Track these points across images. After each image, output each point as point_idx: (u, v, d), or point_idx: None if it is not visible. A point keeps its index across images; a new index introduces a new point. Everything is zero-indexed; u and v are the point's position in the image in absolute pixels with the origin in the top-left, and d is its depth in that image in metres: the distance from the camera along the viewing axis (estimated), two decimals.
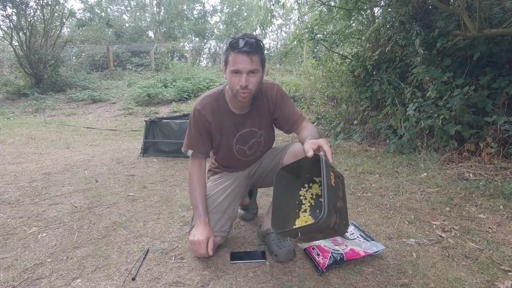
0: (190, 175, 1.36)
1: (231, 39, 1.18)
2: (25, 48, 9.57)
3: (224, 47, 1.26)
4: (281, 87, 1.40)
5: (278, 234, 1.04)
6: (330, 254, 1.22)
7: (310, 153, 1.03)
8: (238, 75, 1.17)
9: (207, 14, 22.96)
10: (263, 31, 5.17)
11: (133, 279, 1.17)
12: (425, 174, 2.43)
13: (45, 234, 1.54)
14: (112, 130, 5.56)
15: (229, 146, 1.39)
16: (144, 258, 1.32)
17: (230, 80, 1.20)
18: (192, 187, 1.34)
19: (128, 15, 21.98)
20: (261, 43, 1.18)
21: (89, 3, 19.77)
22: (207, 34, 21.54)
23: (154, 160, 3.16)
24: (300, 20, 5.91)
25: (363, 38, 4.02)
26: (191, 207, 1.83)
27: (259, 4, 5.61)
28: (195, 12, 22.68)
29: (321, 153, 1.04)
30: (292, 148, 1.35)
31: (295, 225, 1.15)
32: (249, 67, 1.15)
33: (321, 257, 1.22)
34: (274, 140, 1.50)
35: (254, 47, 1.15)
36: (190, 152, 1.38)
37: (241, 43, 1.14)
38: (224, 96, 1.34)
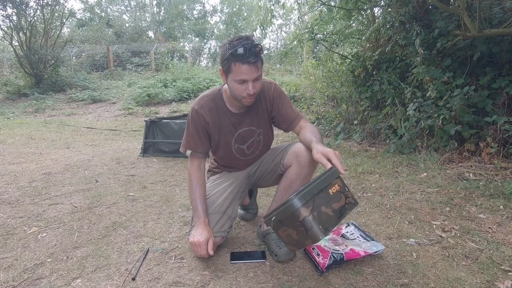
0: (189, 176, 1.36)
1: (231, 46, 1.13)
2: (25, 48, 9.58)
3: (223, 52, 1.24)
4: (278, 85, 1.40)
5: (264, 221, 1.06)
6: (330, 254, 1.22)
7: (328, 167, 1.06)
8: (244, 84, 1.17)
9: (207, 14, 22.97)
10: (263, 31, 5.17)
11: (133, 279, 1.17)
12: (425, 174, 2.42)
13: (45, 234, 1.54)
14: (112, 130, 5.56)
15: (228, 145, 1.39)
16: (144, 258, 1.32)
17: (235, 89, 1.20)
18: (191, 188, 1.34)
19: (128, 15, 21.99)
20: (261, 47, 1.17)
21: (89, 3, 19.80)
22: (207, 34, 21.54)
23: (154, 160, 3.16)
24: (300, 20, 5.90)
25: (363, 38, 4.02)
26: (191, 207, 1.83)
27: (259, 4, 5.61)
28: (195, 12, 22.69)
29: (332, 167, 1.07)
30: (293, 148, 1.36)
31: None
32: (255, 75, 1.16)
33: (321, 257, 1.22)
34: (273, 139, 1.50)
35: (258, 56, 1.15)
36: (189, 152, 1.38)
37: (245, 52, 1.11)
38: (221, 95, 1.34)
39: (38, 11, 9.81)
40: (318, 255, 1.24)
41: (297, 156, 1.31)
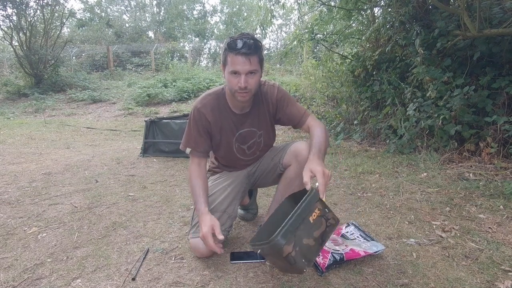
0: (190, 172, 1.36)
1: (229, 39, 1.17)
2: (25, 48, 9.58)
3: (223, 47, 1.28)
4: (282, 88, 1.40)
5: (251, 246, 1.04)
6: (330, 254, 1.22)
7: (308, 186, 1.04)
8: (237, 76, 1.17)
9: (207, 14, 22.95)
10: (263, 31, 5.17)
11: (133, 279, 1.17)
12: (425, 174, 2.42)
13: (45, 234, 1.54)
14: (112, 130, 5.56)
15: (229, 145, 1.39)
16: (144, 258, 1.32)
17: (229, 81, 1.20)
18: (192, 182, 1.32)
19: (128, 15, 21.98)
20: (259, 43, 1.18)
21: (89, 3, 19.78)
22: (207, 34, 21.52)
23: (154, 160, 3.16)
24: (300, 20, 5.91)
25: (363, 38, 4.02)
26: (191, 207, 1.83)
27: (259, 4, 5.62)
28: (195, 12, 22.67)
29: (317, 184, 1.04)
30: (292, 147, 1.36)
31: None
32: (247, 68, 1.16)
33: (321, 257, 1.22)
34: (274, 140, 1.50)
35: (253, 48, 1.15)
36: (188, 150, 1.38)
37: (240, 44, 1.14)
38: (224, 95, 1.35)
39: (38, 11, 9.81)
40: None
41: (296, 155, 1.32)
